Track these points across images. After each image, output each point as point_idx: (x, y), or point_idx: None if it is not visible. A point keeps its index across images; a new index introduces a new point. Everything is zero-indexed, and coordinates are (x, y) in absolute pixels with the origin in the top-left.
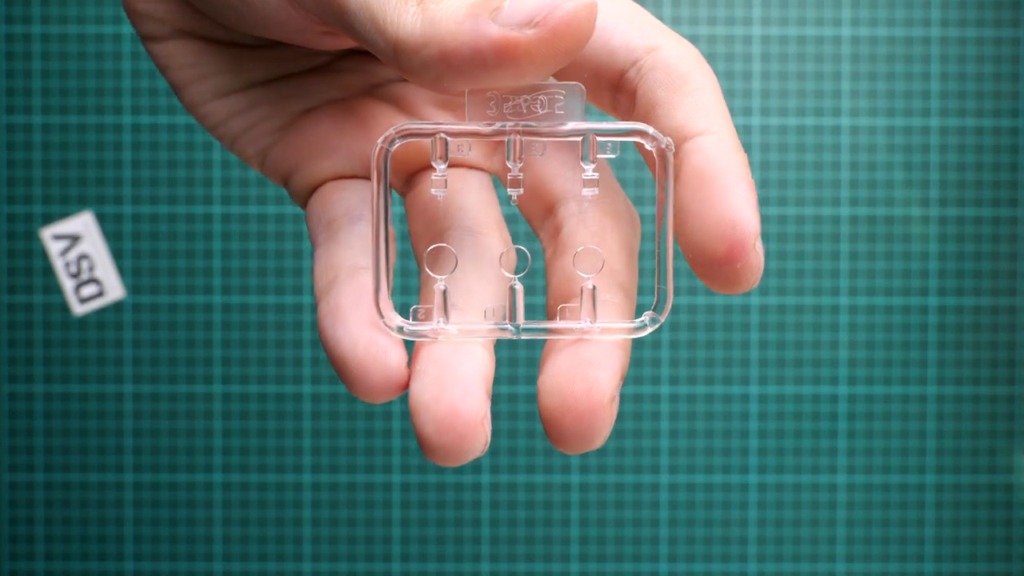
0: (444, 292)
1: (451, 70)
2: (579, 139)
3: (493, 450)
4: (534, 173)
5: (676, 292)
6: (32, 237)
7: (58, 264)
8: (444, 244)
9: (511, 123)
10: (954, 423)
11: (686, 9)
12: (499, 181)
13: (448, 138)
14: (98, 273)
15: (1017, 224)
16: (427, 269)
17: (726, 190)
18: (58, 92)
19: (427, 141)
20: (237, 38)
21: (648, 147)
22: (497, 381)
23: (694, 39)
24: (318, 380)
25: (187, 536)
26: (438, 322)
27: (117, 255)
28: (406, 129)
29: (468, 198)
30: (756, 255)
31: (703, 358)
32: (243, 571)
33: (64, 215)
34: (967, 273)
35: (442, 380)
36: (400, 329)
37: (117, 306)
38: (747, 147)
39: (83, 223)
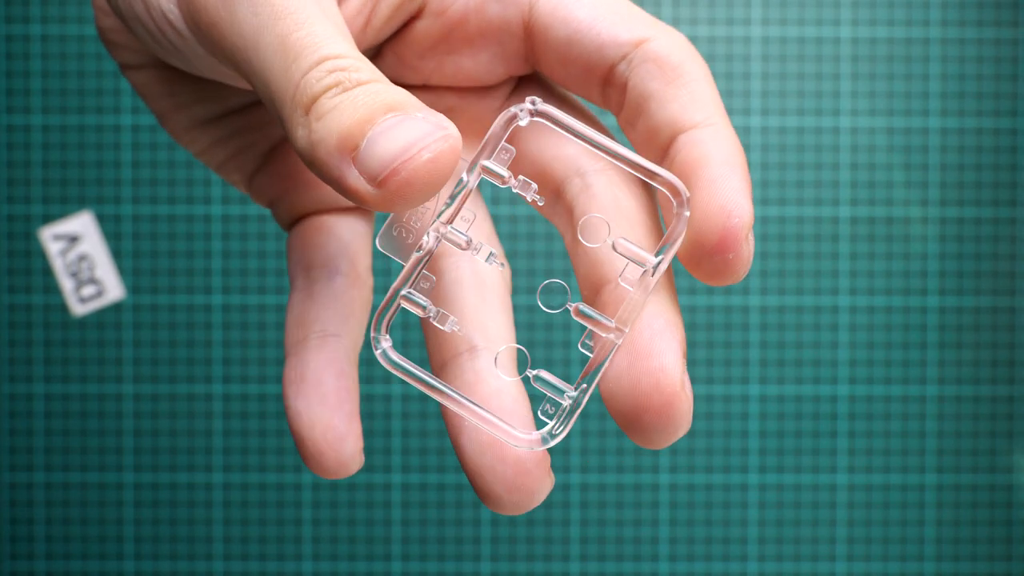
0: (533, 380)
1: (336, 190)
2: (477, 179)
3: None
4: (529, 162)
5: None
6: (32, 237)
7: (58, 264)
8: (511, 345)
9: (432, 232)
10: (954, 423)
11: (686, 9)
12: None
13: (409, 292)
14: (98, 273)
15: (1017, 224)
16: (504, 376)
17: (722, 179)
18: (58, 92)
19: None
20: None
21: (528, 121)
22: None
23: (694, 39)
24: None
25: (187, 536)
26: (566, 399)
27: (117, 255)
28: (379, 321)
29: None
30: (748, 246)
31: (703, 358)
32: (243, 571)
33: (64, 215)
34: (967, 273)
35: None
36: (550, 436)
37: (117, 306)
38: (747, 147)
39: (83, 223)
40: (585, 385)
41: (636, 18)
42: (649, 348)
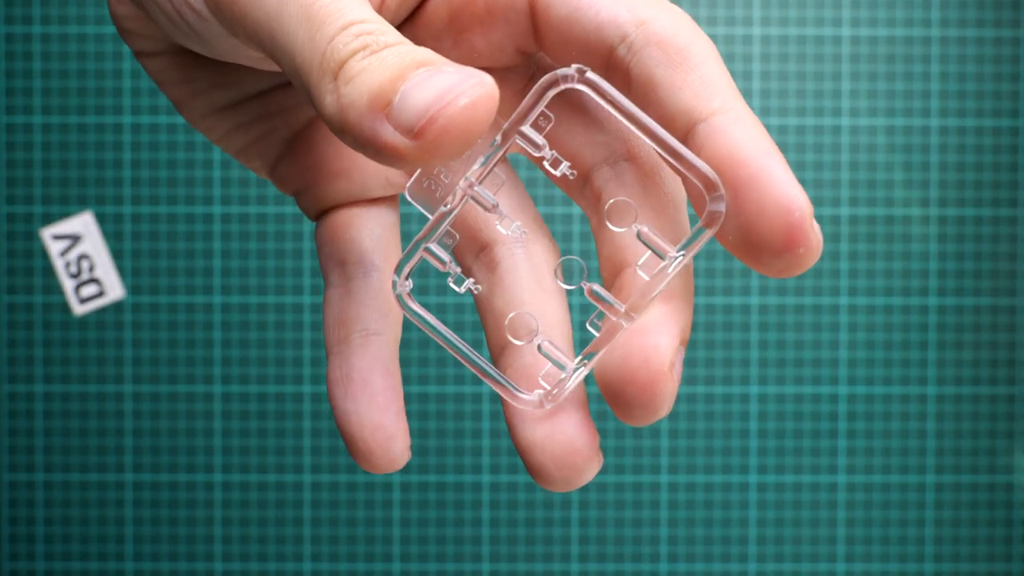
0: (541, 348)
1: (370, 156)
2: (511, 144)
3: (493, 450)
4: (561, 146)
5: None
6: (32, 237)
7: (58, 264)
8: (523, 311)
9: (459, 190)
10: (954, 423)
11: (686, 9)
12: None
13: (431, 246)
14: (98, 273)
15: (1017, 224)
16: (514, 341)
17: (768, 172)
18: (58, 92)
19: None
20: None
21: (571, 87)
22: None
23: None
24: (318, 380)
25: (187, 536)
26: (567, 370)
27: (117, 255)
28: (401, 269)
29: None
30: (815, 234)
31: (704, 358)
32: (243, 571)
33: (64, 215)
34: (967, 273)
35: (554, 420)
36: (548, 400)
37: (117, 306)
38: None
39: (83, 223)
40: (586, 361)
41: None
42: (647, 326)
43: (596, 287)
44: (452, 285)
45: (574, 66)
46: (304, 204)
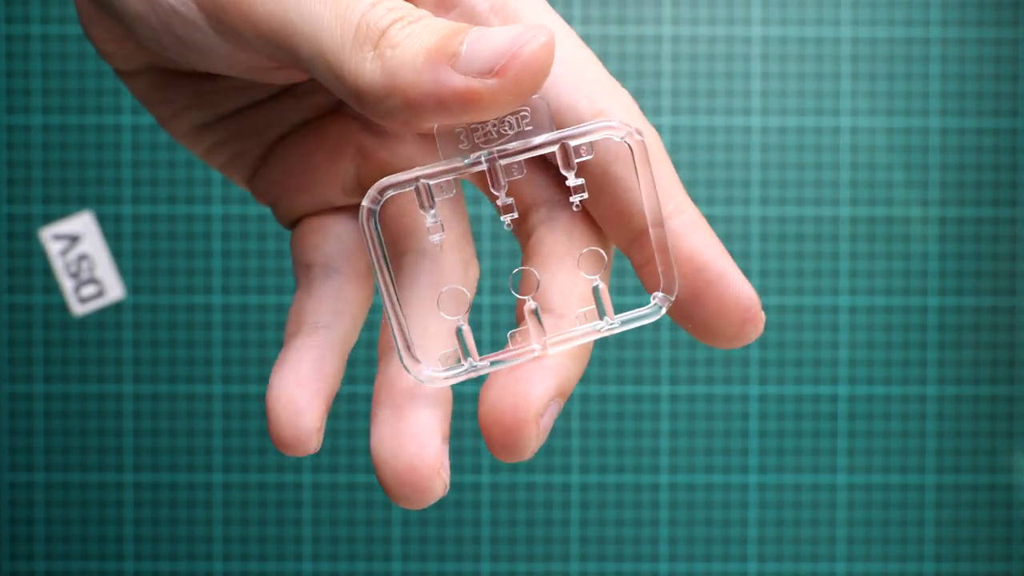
0: (460, 331)
1: (416, 117)
2: (554, 150)
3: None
4: (515, 182)
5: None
6: (32, 237)
7: (58, 264)
8: (456, 286)
9: (485, 152)
10: (954, 423)
11: (686, 9)
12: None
13: (431, 183)
14: (98, 273)
15: (1017, 224)
16: (442, 314)
17: (725, 275)
18: (58, 92)
19: (410, 190)
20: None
21: (618, 139)
22: None
23: (694, 39)
24: None
25: (187, 536)
26: (468, 361)
27: (117, 255)
28: (386, 184)
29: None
30: (762, 317)
31: (703, 358)
32: (243, 571)
33: (64, 215)
34: (967, 273)
35: (398, 433)
36: (431, 377)
37: (117, 306)
38: (747, 147)
39: (83, 223)
40: (487, 363)
41: (599, 84)
42: (526, 374)
43: (538, 310)
44: (429, 231)
45: (634, 127)
46: (279, 215)
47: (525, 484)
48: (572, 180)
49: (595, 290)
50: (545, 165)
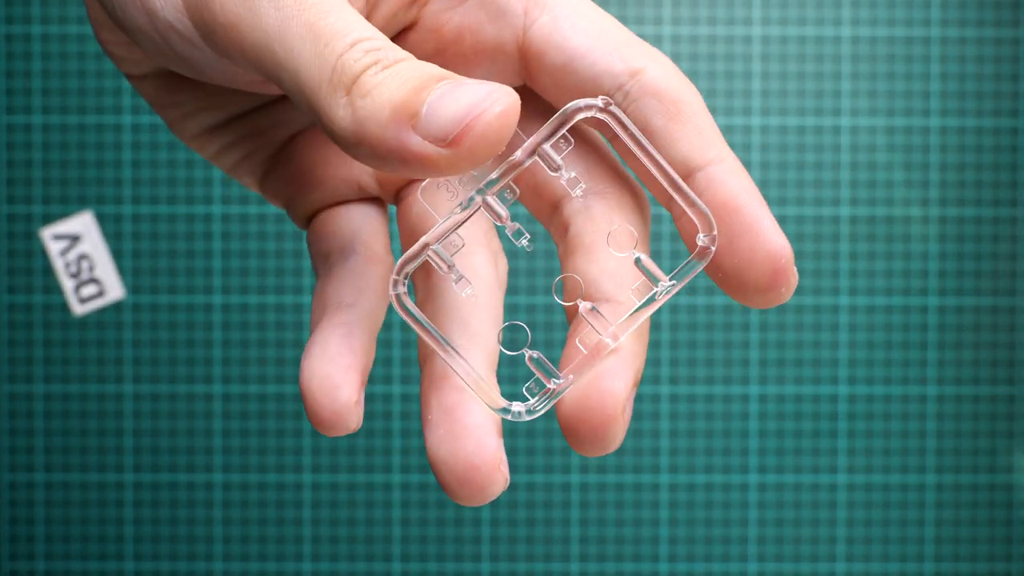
0: (536, 360)
1: (384, 167)
2: (535, 160)
3: None
4: (532, 177)
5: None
6: (32, 237)
7: (58, 264)
8: (516, 322)
9: (476, 193)
10: (954, 423)
11: (686, 9)
12: None
13: (439, 248)
14: (98, 273)
15: (1017, 224)
16: (505, 351)
17: (759, 221)
18: (58, 92)
19: (428, 255)
20: None
21: (593, 116)
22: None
23: (694, 39)
24: None
25: (187, 536)
26: (554, 382)
27: (117, 255)
28: (403, 265)
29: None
30: (795, 276)
31: (703, 358)
32: (243, 571)
33: (64, 215)
34: (967, 273)
35: (454, 433)
36: (528, 411)
37: (117, 306)
38: (747, 147)
39: (83, 223)
40: (572, 376)
41: (631, 45)
42: (605, 370)
43: (593, 306)
44: (453, 286)
45: (600, 98)
46: (294, 215)
47: (525, 484)
48: (564, 175)
49: (637, 261)
50: (571, 155)
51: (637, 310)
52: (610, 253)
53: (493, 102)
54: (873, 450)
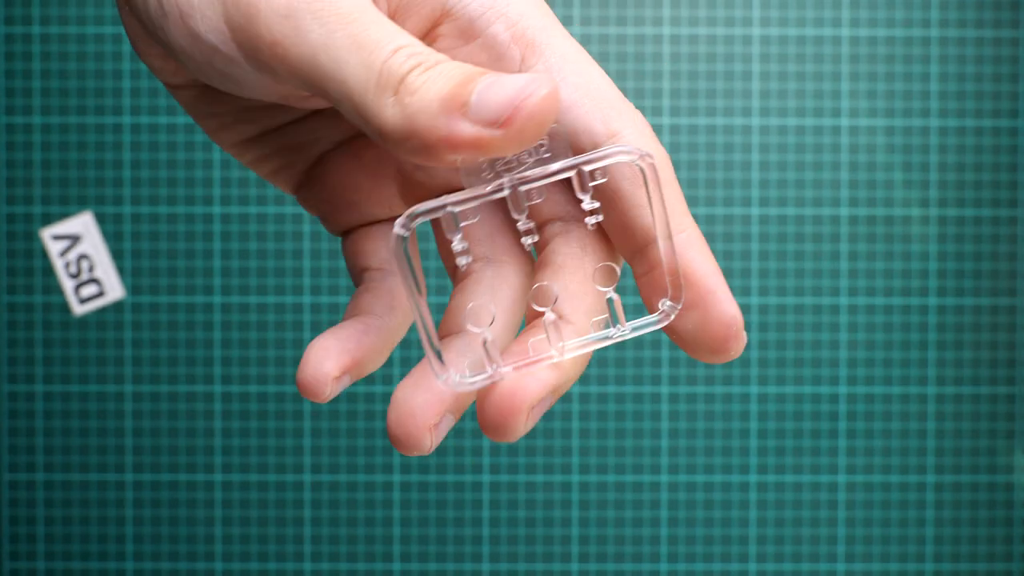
0: (485, 343)
1: (434, 157)
2: (571, 175)
3: (493, 449)
4: (549, 188)
5: None
6: (32, 237)
7: (58, 264)
8: (482, 303)
9: (506, 179)
10: (954, 423)
11: (686, 9)
12: None
13: (455, 211)
14: (98, 273)
15: (1017, 224)
16: (469, 327)
17: (715, 293)
18: (58, 92)
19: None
20: None
21: (631, 162)
22: None
23: (694, 39)
24: None
25: (187, 536)
26: (492, 367)
27: (117, 255)
28: (415, 212)
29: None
30: (744, 339)
31: None
32: (243, 571)
33: (64, 215)
34: (967, 273)
35: (414, 382)
36: (459, 382)
37: (117, 306)
38: (747, 147)
39: (83, 223)
40: (509, 370)
41: (614, 107)
42: (534, 371)
43: (555, 318)
44: (457, 253)
45: (645, 151)
46: (327, 227)
47: (525, 484)
48: (588, 203)
49: (609, 301)
50: (562, 183)
51: (591, 340)
52: (577, 278)
53: (538, 86)
54: (873, 450)
